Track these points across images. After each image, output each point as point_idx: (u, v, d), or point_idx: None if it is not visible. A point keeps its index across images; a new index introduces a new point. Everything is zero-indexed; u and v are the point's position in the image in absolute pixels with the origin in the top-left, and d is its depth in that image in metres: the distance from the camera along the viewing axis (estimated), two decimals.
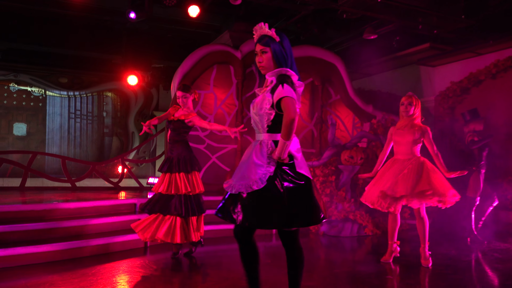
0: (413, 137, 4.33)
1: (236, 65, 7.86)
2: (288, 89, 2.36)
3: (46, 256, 4.24)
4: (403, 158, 4.36)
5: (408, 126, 4.40)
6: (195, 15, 7.38)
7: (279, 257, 4.87)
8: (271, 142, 2.44)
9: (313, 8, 7.35)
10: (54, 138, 13.33)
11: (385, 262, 4.51)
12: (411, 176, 4.19)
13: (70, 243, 4.41)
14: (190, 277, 3.80)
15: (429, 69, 9.24)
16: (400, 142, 4.41)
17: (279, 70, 2.45)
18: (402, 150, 4.40)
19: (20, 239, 4.36)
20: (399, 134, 4.44)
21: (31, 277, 3.72)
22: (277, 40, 2.47)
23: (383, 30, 7.96)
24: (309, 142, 8.47)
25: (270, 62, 2.48)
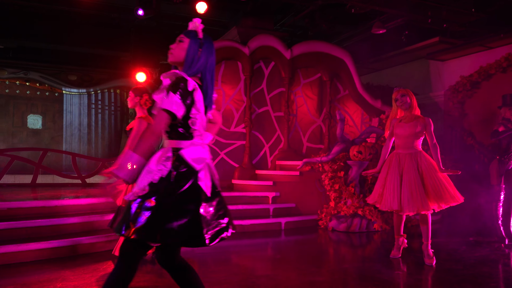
0: (414, 130, 4.18)
1: (244, 61, 7.85)
2: (171, 100, 2.04)
3: (57, 251, 4.29)
4: (404, 152, 4.21)
5: (409, 118, 4.25)
6: (202, 11, 7.39)
7: (288, 252, 4.89)
8: (170, 149, 2.12)
9: (321, 3, 7.32)
10: (64, 135, 13.47)
11: (394, 257, 4.44)
12: (414, 190, 4.03)
13: (81, 239, 4.46)
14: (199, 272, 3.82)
15: (438, 64, 9.15)
16: (401, 135, 4.26)
17: (174, 73, 2.14)
18: (403, 144, 4.25)
19: (32, 235, 4.42)
20: (401, 127, 4.28)
21: (44, 272, 3.77)
22: (200, 37, 2.22)
23: (392, 25, 7.90)
24: (317, 137, 8.46)
25: (181, 53, 2.20)
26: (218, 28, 9.64)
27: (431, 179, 4.05)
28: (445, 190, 4.03)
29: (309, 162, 7.04)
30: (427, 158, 4.17)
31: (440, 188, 4.03)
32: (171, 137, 2.15)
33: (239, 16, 8.44)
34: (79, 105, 13.67)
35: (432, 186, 4.03)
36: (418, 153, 4.19)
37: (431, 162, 4.15)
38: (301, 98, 8.38)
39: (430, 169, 4.10)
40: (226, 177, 7.59)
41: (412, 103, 4.25)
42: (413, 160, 4.14)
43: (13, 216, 4.59)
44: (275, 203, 6.81)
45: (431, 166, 4.11)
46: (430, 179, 4.05)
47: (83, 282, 3.48)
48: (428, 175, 4.07)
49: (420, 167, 4.11)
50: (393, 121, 4.37)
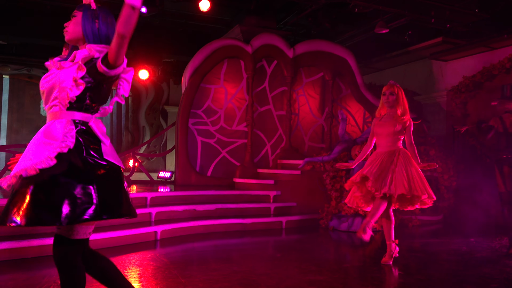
0: (393, 129, 4.06)
1: (247, 60, 7.85)
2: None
3: None
4: (385, 151, 4.10)
5: (390, 116, 4.13)
6: (206, 9, 7.39)
7: (288, 251, 4.89)
8: (70, 121, 1.98)
9: (324, 2, 7.30)
10: None
11: (385, 264, 4.16)
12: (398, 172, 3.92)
13: None
14: (200, 270, 3.83)
15: (441, 64, 9.14)
16: (381, 134, 4.15)
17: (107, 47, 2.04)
18: (384, 143, 4.14)
19: (33, 231, 4.43)
20: (380, 126, 4.16)
21: (45, 268, 3.78)
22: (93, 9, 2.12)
23: (395, 24, 7.88)
24: (319, 137, 8.45)
25: (77, 28, 2.09)
26: (221, 26, 9.64)
27: (410, 175, 3.94)
28: (423, 190, 3.92)
29: (310, 161, 7.04)
30: (406, 154, 4.07)
31: (418, 185, 3.92)
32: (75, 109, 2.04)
33: (242, 15, 8.44)
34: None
35: (410, 181, 3.91)
36: (397, 150, 4.08)
37: (410, 159, 4.04)
38: (303, 97, 8.37)
39: (408, 165, 3.98)
40: (227, 175, 7.61)
41: (398, 103, 4.11)
42: (392, 156, 4.03)
43: None
44: (276, 202, 6.82)
45: (409, 162, 4.00)
46: (408, 174, 3.94)
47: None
48: (406, 170, 3.95)
49: (398, 162, 3.99)
50: (374, 119, 4.29)
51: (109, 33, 2.13)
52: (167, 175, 8.77)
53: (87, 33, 2.08)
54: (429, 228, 6.65)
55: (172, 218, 5.68)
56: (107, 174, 1.99)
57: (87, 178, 1.90)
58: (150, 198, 5.87)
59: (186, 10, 8.77)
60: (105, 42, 2.10)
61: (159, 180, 8.72)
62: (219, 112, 7.85)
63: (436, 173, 6.95)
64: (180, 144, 7.57)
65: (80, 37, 2.11)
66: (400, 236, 5.94)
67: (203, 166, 7.71)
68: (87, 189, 1.89)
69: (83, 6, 2.14)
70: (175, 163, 7.82)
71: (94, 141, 2.02)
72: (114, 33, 1.94)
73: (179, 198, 6.21)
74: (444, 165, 6.95)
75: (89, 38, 2.08)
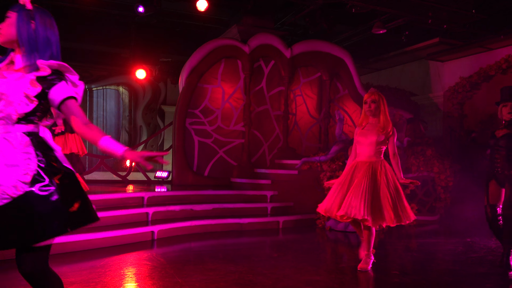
0: (376, 138, 3.88)
1: (244, 60, 7.86)
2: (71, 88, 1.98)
3: (55, 248, 4.28)
4: (366, 161, 3.89)
5: (372, 125, 3.95)
6: (203, 9, 7.39)
7: (285, 251, 4.90)
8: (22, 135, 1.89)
9: (321, 2, 7.32)
10: None
11: (362, 270, 3.92)
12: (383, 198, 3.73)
13: (79, 236, 4.46)
14: (197, 270, 3.83)
15: (438, 64, 9.17)
16: (363, 143, 3.95)
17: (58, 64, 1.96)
18: (366, 152, 3.93)
19: None
20: (363, 134, 3.97)
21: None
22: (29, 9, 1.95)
23: (392, 25, 7.91)
24: (316, 137, 8.46)
25: (11, 30, 1.93)
26: (218, 26, 9.64)
27: (389, 192, 3.76)
28: (402, 207, 3.77)
29: (307, 161, 7.05)
30: (387, 168, 3.88)
31: (397, 203, 3.76)
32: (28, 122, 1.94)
33: (240, 15, 8.44)
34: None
35: (388, 199, 3.74)
36: (380, 163, 3.88)
37: (391, 174, 3.86)
38: (301, 97, 8.38)
39: (390, 182, 3.81)
40: (224, 175, 7.61)
41: (379, 111, 3.94)
42: (370, 169, 3.82)
43: None
44: (273, 202, 6.82)
45: (390, 179, 3.82)
46: (387, 191, 3.76)
47: (80, 278, 3.48)
48: (385, 186, 3.77)
49: (378, 177, 3.80)
50: (356, 128, 4.12)
51: (48, 35, 1.98)
52: (164, 174, 8.77)
53: (22, 36, 1.92)
54: (426, 228, 6.67)
55: (169, 218, 5.68)
56: (70, 181, 1.92)
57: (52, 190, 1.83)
58: (147, 198, 5.87)
59: (183, 9, 8.77)
60: (43, 45, 1.96)
61: (156, 179, 8.71)
62: (216, 112, 7.85)
63: (433, 173, 6.97)
64: (177, 144, 7.57)
65: (14, 39, 1.94)
66: (396, 236, 5.97)
67: (200, 166, 7.71)
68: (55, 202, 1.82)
69: (18, 7, 1.96)
70: (172, 162, 7.82)
71: (49, 150, 1.93)
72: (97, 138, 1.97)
73: (176, 198, 6.21)
74: (441, 165, 6.97)
75: (24, 41, 1.92)
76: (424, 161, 6.97)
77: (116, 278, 3.56)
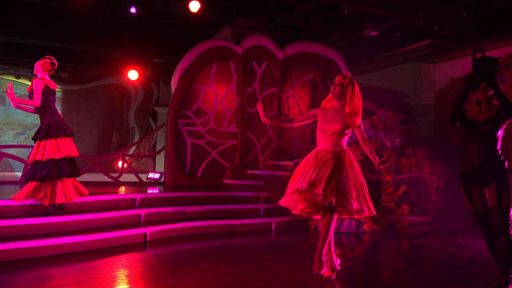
0: (341, 127, 3.55)
1: (237, 61, 7.85)
2: None
3: (46, 250, 4.26)
4: (329, 150, 3.55)
5: (337, 112, 3.62)
6: (195, 10, 7.38)
7: (278, 252, 4.90)
8: None
9: (314, 4, 7.35)
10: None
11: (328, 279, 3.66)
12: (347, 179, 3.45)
13: (70, 238, 4.43)
14: (189, 272, 3.82)
15: (429, 66, 9.24)
16: (327, 131, 3.58)
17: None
18: (329, 141, 3.58)
19: (20, 233, 4.38)
20: (327, 121, 3.60)
21: (32, 270, 3.74)
22: None
23: (384, 27, 7.96)
24: (309, 138, 8.48)
25: None
26: (211, 27, 9.65)
27: (354, 180, 3.49)
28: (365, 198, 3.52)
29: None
30: (351, 158, 3.61)
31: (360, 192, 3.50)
32: None
33: (233, 16, 8.45)
34: (70, 102, 13.56)
35: (354, 185, 3.47)
36: (342, 151, 3.58)
37: (355, 164, 3.60)
38: (293, 98, 8.40)
39: (354, 171, 3.54)
40: (217, 176, 7.59)
41: (345, 98, 3.59)
42: (335, 158, 3.51)
43: (1, 214, 4.54)
44: (266, 203, 6.82)
45: (354, 168, 3.56)
46: (352, 178, 3.49)
47: (71, 281, 3.46)
48: (351, 173, 3.50)
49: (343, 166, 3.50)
50: (317, 110, 3.76)
51: None
52: (156, 176, 8.73)
53: None
54: (417, 229, 6.71)
55: (161, 220, 5.65)
56: None
57: None
58: (139, 199, 5.84)
59: (176, 10, 8.77)
60: None
61: (148, 181, 8.67)
62: (209, 113, 7.84)
63: (424, 174, 7.02)
64: (169, 145, 7.54)
65: None
66: (388, 237, 6.00)
67: (193, 167, 7.69)
68: None
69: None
70: (165, 164, 7.79)
71: None
72: None
73: (169, 199, 6.19)
74: (432, 166, 7.02)
75: None
76: (416, 162, 7.02)
77: (107, 280, 3.54)
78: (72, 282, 3.41)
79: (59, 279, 3.51)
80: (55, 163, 4.69)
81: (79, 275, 3.63)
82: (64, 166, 4.75)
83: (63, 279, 3.49)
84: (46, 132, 4.75)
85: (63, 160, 4.76)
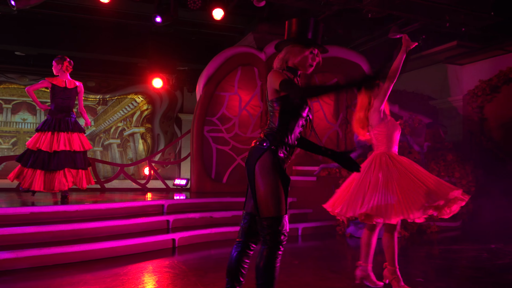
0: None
1: (260, 67, 7.89)
2: None
3: (79, 255, 4.36)
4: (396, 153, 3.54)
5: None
6: (219, 18, 7.46)
7: (305, 258, 4.87)
8: None
9: (337, 8, 7.31)
10: None
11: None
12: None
13: (101, 244, 4.52)
14: (218, 277, 3.84)
15: (456, 68, 9.06)
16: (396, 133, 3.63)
17: None
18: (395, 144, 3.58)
19: (54, 239, 4.50)
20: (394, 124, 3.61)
21: (65, 276, 3.83)
22: None
23: (409, 29, 7.86)
24: (334, 143, 8.42)
25: None
26: (234, 34, 9.72)
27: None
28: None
29: (326, 168, 7.02)
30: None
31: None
32: None
33: (255, 22, 8.49)
34: (97, 110, 13.88)
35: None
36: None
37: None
38: (317, 103, 8.37)
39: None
40: (242, 182, 7.61)
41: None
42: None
43: (36, 220, 4.68)
44: (291, 209, 6.80)
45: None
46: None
47: (104, 286, 3.53)
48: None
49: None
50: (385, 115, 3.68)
51: None
52: (182, 182, 8.82)
53: None
54: (448, 234, 6.56)
55: (189, 226, 5.71)
56: None
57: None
58: (167, 205, 5.91)
59: (199, 18, 8.87)
60: None
61: (175, 187, 8.77)
62: (233, 119, 7.89)
63: (454, 178, 6.87)
64: (195, 152, 7.62)
65: None
66: (418, 243, 5.88)
67: (219, 173, 7.74)
68: None
69: None
70: (191, 170, 7.87)
71: None
72: None
73: (196, 205, 6.25)
74: (462, 170, 6.87)
75: None
76: (445, 166, 6.87)
77: (139, 285, 3.59)
78: (105, 287, 3.48)
79: (92, 284, 3.59)
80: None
81: (111, 280, 3.70)
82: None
83: (96, 284, 3.57)
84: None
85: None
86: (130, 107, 14.22)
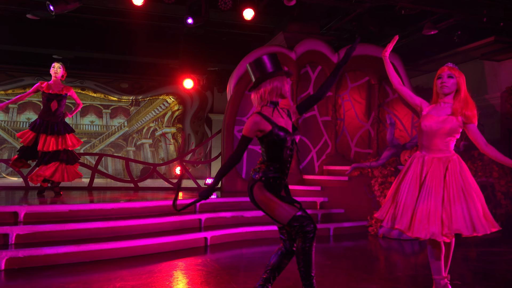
0: (450, 125, 3.02)
1: (291, 66, 7.87)
2: None
3: (114, 252, 4.47)
4: (435, 156, 3.06)
5: (445, 108, 3.09)
6: (250, 18, 7.48)
7: (338, 259, 4.83)
8: None
9: (369, 5, 7.21)
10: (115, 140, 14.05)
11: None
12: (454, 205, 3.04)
13: (136, 241, 4.63)
14: (250, 276, 3.86)
15: (494, 64, 8.76)
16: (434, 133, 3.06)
17: None
18: (435, 144, 3.06)
19: (91, 236, 4.64)
20: (434, 120, 3.07)
21: (102, 272, 3.94)
22: None
23: (444, 25, 7.66)
24: (365, 142, 8.30)
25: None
26: (264, 34, 9.73)
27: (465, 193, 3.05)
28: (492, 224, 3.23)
29: (358, 167, 6.93)
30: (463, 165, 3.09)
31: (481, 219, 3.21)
32: None
33: (285, 22, 8.47)
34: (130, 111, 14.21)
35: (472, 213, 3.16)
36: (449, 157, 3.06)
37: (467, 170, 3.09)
38: (349, 102, 8.27)
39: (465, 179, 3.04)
40: None
41: (459, 88, 3.12)
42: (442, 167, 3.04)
43: (74, 218, 4.84)
44: (323, 209, 6.75)
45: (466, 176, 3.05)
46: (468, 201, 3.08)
47: (140, 282, 3.61)
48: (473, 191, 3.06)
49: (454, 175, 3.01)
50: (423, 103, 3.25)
51: None
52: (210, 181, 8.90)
53: None
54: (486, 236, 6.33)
55: (221, 224, 5.76)
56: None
57: None
58: (198, 204, 5.98)
59: (230, 19, 8.93)
60: None
61: (206, 186, 8.87)
62: None
63: (492, 178, 6.64)
64: (226, 151, 7.68)
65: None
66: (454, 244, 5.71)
67: (249, 173, 7.76)
68: None
69: None
70: None
71: None
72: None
73: (227, 204, 6.29)
74: (500, 170, 6.63)
75: None
76: (482, 166, 6.66)
77: (174, 282, 3.66)
78: (141, 284, 3.56)
79: (128, 280, 3.68)
80: None
81: (147, 276, 3.79)
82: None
83: (133, 281, 3.65)
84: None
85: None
86: (162, 107, 14.48)
